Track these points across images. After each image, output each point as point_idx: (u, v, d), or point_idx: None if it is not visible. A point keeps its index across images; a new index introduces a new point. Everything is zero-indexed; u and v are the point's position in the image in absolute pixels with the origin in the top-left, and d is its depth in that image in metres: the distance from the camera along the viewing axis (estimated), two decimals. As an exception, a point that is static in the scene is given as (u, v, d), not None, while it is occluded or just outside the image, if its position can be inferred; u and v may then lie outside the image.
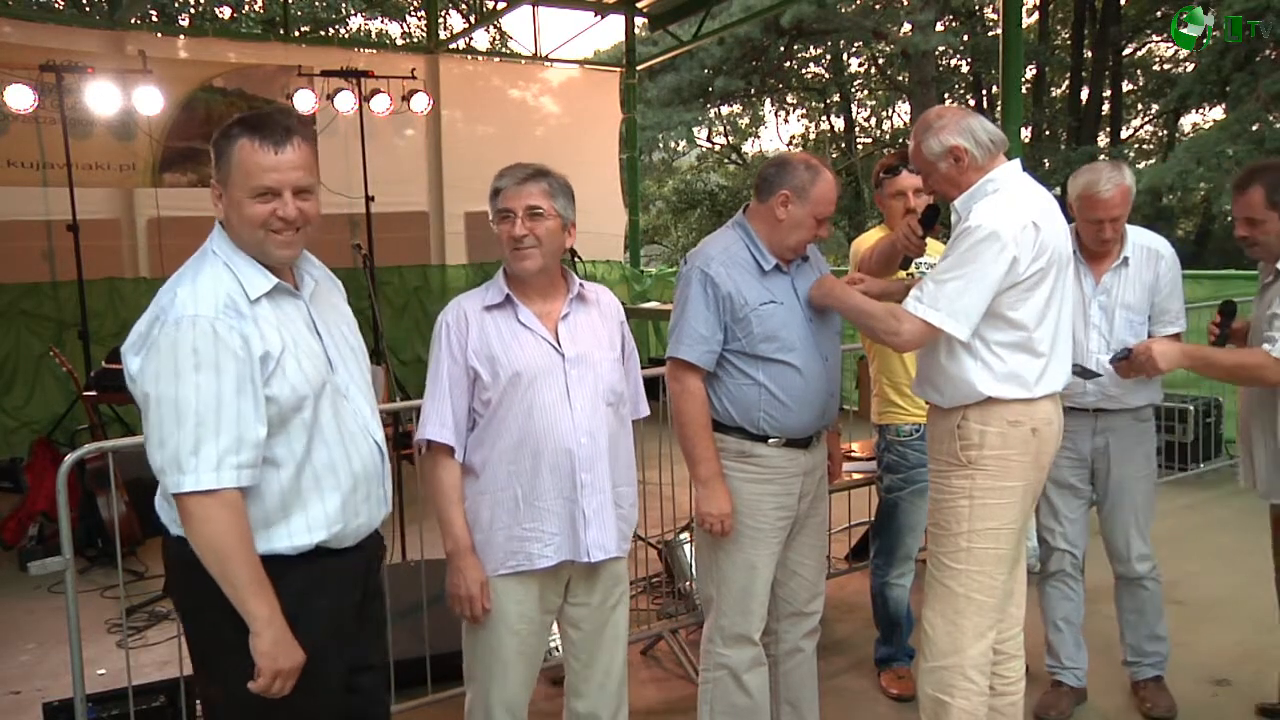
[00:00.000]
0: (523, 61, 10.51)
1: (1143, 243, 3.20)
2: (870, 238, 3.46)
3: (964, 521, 2.54)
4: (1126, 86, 20.43)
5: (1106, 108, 19.98)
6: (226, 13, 18.04)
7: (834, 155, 22.82)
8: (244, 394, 1.81)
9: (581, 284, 2.51)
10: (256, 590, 1.82)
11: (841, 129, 24.74)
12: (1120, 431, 3.23)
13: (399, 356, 8.96)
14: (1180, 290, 3.21)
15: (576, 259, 2.36)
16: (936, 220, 2.84)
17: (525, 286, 2.41)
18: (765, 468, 2.70)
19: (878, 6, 20.44)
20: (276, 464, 1.89)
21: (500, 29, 17.42)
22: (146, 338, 1.83)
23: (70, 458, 2.84)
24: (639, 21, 10.89)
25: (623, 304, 2.33)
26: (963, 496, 2.54)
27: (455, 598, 2.36)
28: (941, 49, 20.09)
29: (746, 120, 24.99)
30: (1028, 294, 2.45)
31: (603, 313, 2.53)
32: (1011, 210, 2.43)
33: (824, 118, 24.93)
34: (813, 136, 24.91)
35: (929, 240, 3.50)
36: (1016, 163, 2.58)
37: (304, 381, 1.90)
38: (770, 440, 2.69)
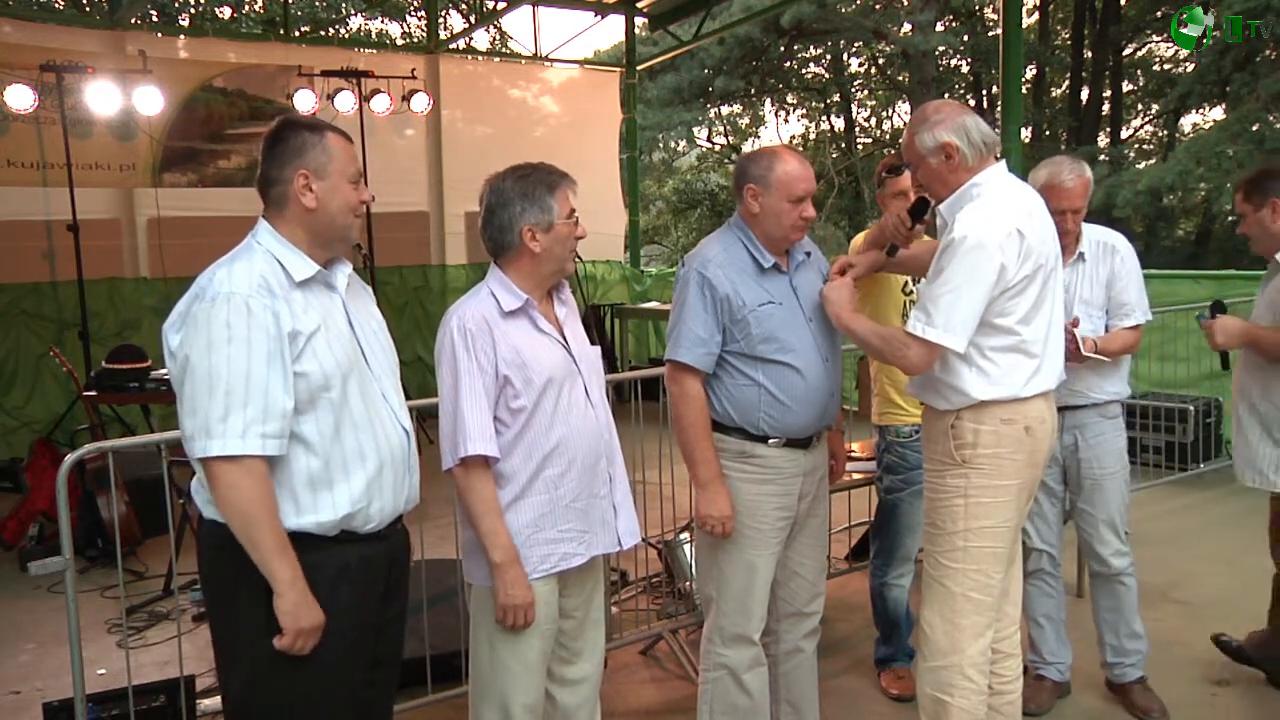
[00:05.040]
0: (523, 61, 10.51)
1: (1098, 238, 3.25)
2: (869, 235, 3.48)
3: (959, 520, 2.55)
4: (1126, 86, 20.44)
5: (1106, 108, 20.00)
6: (226, 13, 18.04)
7: (834, 155, 22.83)
8: (273, 367, 1.91)
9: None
10: (280, 554, 1.91)
11: (841, 129, 24.75)
12: (1088, 428, 3.25)
13: (399, 356, 8.93)
14: (1138, 283, 3.24)
15: (577, 259, 2.37)
16: (926, 213, 2.84)
17: (535, 290, 2.40)
18: (765, 468, 2.70)
19: (878, 6, 20.46)
20: (306, 443, 1.98)
21: (500, 29, 17.43)
22: (185, 315, 1.95)
23: (70, 458, 2.83)
24: (639, 21, 10.89)
25: (623, 304, 2.34)
26: (958, 496, 2.55)
27: (508, 609, 2.29)
28: (941, 49, 20.10)
29: (746, 120, 24.99)
30: (1016, 298, 2.46)
31: (573, 308, 2.55)
32: (995, 218, 2.43)
33: (824, 118, 24.94)
34: (813, 136, 24.92)
35: (929, 240, 3.51)
36: (1003, 165, 2.58)
37: (333, 362, 2.00)
38: (770, 441, 2.69)
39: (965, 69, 21.55)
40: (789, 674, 2.94)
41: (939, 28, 19.54)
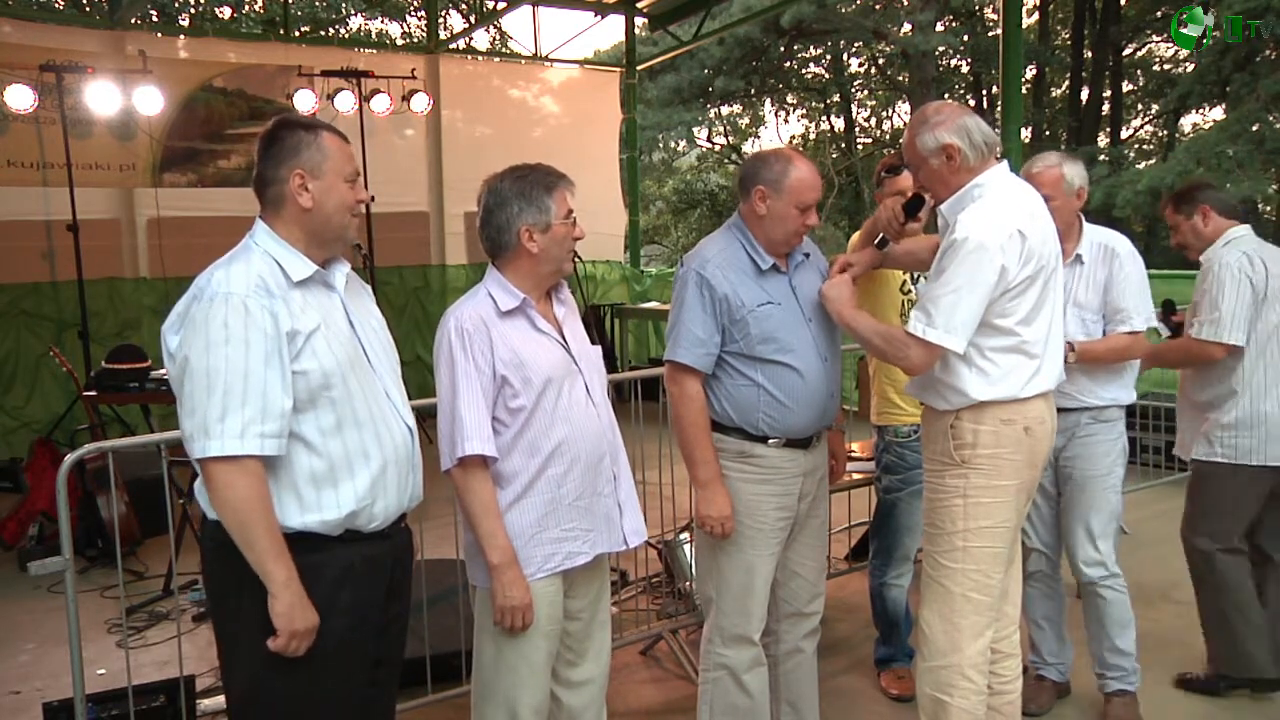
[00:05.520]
0: (523, 61, 10.51)
1: (1100, 240, 3.20)
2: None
3: (959, 520, 2.55)
4: (1126, 86, 20.45)
5: (1106, 108, 20.00)
6: (226, 13, 18.05)
7: (834, 155, 22.83)
8: (271, 367, 1.91)
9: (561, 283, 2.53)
10: (276, 555, 1.91)
11: (841, 129, 24.76)
12: (1078, 431, 3.19)
13: (399, 356, 8.95)
14: (1135, 289, 3.16)
15: (577, 259, 2.37)
16: (920, 209, 2.84)
17: (533, 290, 2.40)
18: (765, 468, 2.70)
19: (878, 6, 20.46)
20: (307, 442, 1.98)
21: (500, 29, 17.44)
22: (184, 316, 1.95)
23: (70, 458, 2.83)
24: (639, 21, 10.89)
25: (623, 304, 2.35)
26: (957, 496, 2.55)
27: (506, 610, 2.29)
28: (941, 49, 20.11)
29: (746, 120, 25.00)
30: (1016, 299, 2.46)
31: (573, 308, 2.55)
32: (997, 219, 2.43)
33: (824, 118, 24.95)
34: (813, 136, 24.93)
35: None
36: (1004, 166, 2.57)
37: (333, 360, 2.00)
38: (770, 441, 2.69)
39: (965, 69, 21.55)
40: (789, 674, 2.94)
41: (939, 28, 19.54)
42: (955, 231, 2.44)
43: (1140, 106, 21.40)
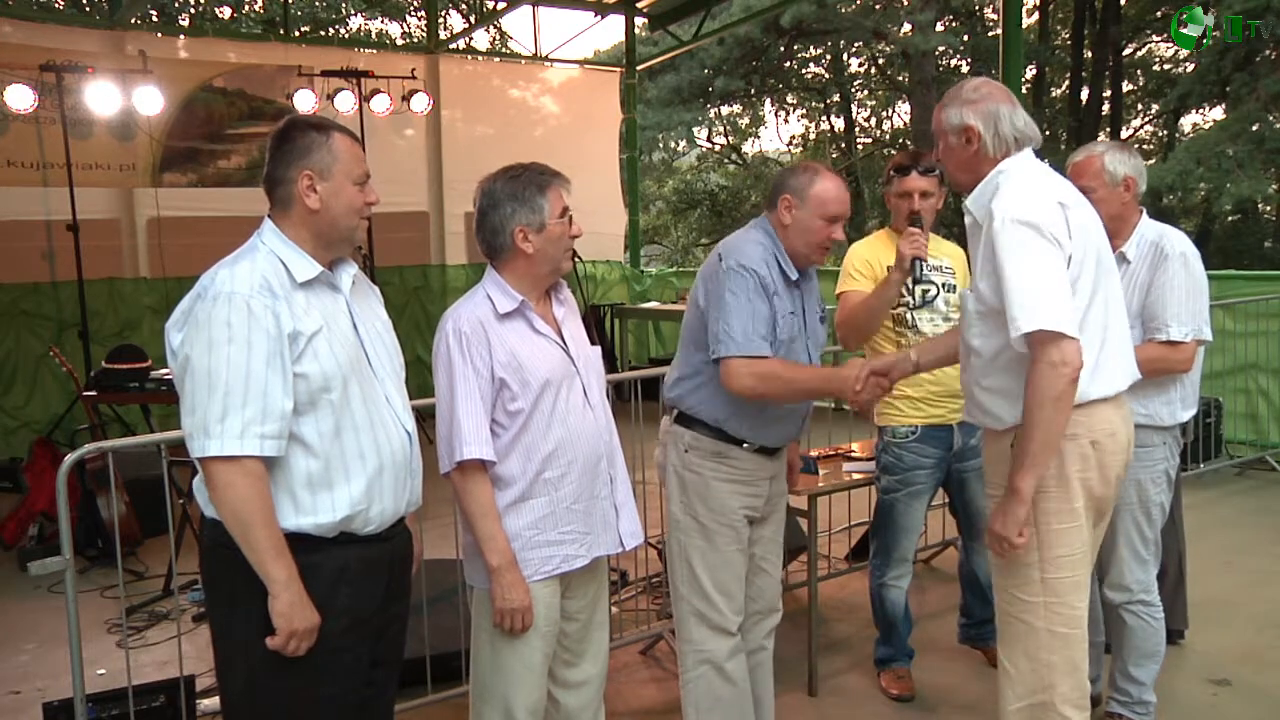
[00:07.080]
0: (523, 61, 10.52)
1: (1152, 239, 2.95)
2: (866, 244, 3.52)
3: (1033, 551, 2.31)
4: (1126, 86, 20.44)
5: (1106, 108, 19.99)
6: (226, 13, 18.04)
7: (834, 155, 22.83)
8: (272, 368, 1.91)
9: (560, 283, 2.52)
10: (276, 555, 1.92)
11: (841, 129, 24.74)
12: None
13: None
14: (1179, 297, 2.88)
15: (577, 259, 2.37)
16: (918, 270, 3.02)
17: (531, 291, 2.39)
18: (737, 469, 2.74)
19: (878, 6, 20.45)
20: (305, 444, 1.98)
21: (500, 29, 17.44)
22: (188, 314, 1.95)
23: (70, 458, 2.83)
24: (639, 21, 10.90)
25: (623, 304, 2.35)
26: (1026, 524, 2.29)
27: (506, 612, 2.29)
28: (941, 49, 20.10)
29: (746, 120, 24.99)
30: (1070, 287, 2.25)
31: (573, 308, 2.54)
32: (1032, 192, 2.25)
33: (824, 118, 24.93)
34: (813, 136, 24.92)
35: (935, 238, 3.52)
36: (1028, 151, 2.39)
37: (334, 363, 1.99)
38: (745, 445, 2.73)
39: (965, 69, 21.54)
40: (753, 671, 2.95)
41: (939, 28, 19.54)
42: (994, 219, 2.23)
43: (1140, 106, 21.40)
